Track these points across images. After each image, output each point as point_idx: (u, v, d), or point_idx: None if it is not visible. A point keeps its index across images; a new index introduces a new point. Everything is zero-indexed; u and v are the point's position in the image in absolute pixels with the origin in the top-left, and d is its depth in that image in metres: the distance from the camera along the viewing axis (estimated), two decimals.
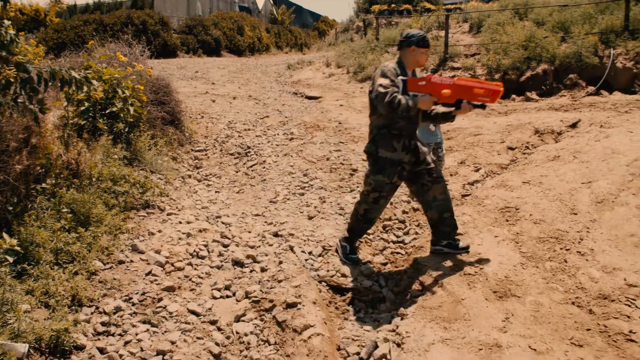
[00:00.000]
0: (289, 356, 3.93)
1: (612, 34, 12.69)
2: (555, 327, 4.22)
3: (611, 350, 3.97)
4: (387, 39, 18.91)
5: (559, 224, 5.56)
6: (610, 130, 7.77)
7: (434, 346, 4.05)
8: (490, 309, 4.45)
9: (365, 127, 9.61)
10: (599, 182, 6.13)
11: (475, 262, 5.09)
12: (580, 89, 11.80)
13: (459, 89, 4.71)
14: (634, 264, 4.88)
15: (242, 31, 36.02)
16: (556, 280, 4.82)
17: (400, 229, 6.08)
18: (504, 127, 8.54)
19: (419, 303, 4.66)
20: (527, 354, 3.93)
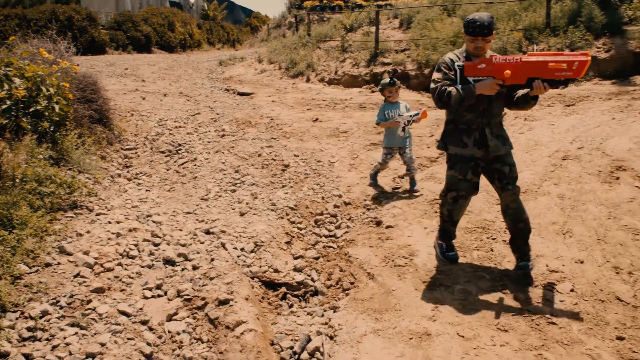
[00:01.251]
0: (222, 353, 3.91)
1: (535, 31, 13.11)
2: (483, 314, 4.35)
3: (534, 334, 4.12)
4: (319, 35, 18.98)
5: (486, 214, 5.72)
6: (534, 123, 8.04)
7: (366, 337, 4.11)
8: (420, 299, 4.54)
9: (297, 123, 9.64)
10: (523, 172, 6.34)
11: (406, 254, 5.18)
12: None
13: (526, 67, 4.26)
14: (556, 251, 5.08)
15: (173, 27, 35.46)
16: (483, 268, 4.96)
17: (332, 223, 6.12)
18: (433, 120, 8.71)
19: (350, 295, 4.71)
20: (456, 340, 4.03)
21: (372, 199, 6.51)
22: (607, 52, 11.77)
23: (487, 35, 4.38)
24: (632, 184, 5.99)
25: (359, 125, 9.11)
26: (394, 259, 5.12)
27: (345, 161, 7.63)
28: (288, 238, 5.61)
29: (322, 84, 14.80)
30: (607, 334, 4.09)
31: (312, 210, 6.27)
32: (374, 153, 7.74)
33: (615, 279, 4.71)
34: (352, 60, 15.27)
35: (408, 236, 5.49)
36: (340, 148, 8.13)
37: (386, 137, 6.71)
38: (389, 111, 6.62)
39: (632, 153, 6.57)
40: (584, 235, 5.29)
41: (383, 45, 15.32)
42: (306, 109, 11.31)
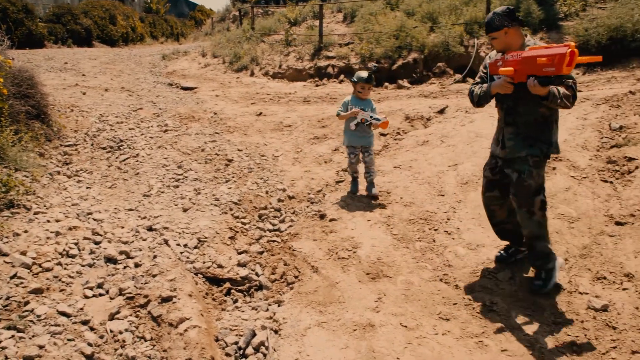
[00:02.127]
0: (166, 351, 3.86)
1: (475, 25, 13.34)
2: (425, 304, 4.42)
3: (475, 321, 4.22)
4: (263, 29, 18.89)
5: (428, 206, 5.81)
6: (474, 115, 8.19)
7: (310, 330, 4.12)
8: (363, 291, 4.58)
9: (241, 117, 9.58)
10: (464, 164, 6.46)
11: (349, 246, 5.22)
12: (449, 76, 12.34)
13: (523, 63, 3.97)
14: (495, 240, 5.20)
15: (114, 20, 34.70)
16: (425, 259, 5.04)
17: (276, 217, 6.12)
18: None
19: (295, 289, 4.72)
20: (399, 331, 4.09)
21: (316, 192, 6.53)
22: None
23: (489, 32, 4.27)
24: (568, 174, 6.17)
25: (303, 119, 9.12)
26: (337, 251, 5.15)
27: (289, 155, 7.63)
28: (232, 233, 5.58)
29: (266, 77, 14.76)
30: (544, 319, 4.22)
31: (256, 205, 6.25)
32: (318, 147, 7.77)
33: None
34: (296, 54, 15.26)
35: (352, 229, 5.53)
36: (284, 142, 8.13)
37: (346, 135, 6.32)
38: (355, 106, 6.17)
39: (568, 144, 6.77)
40: None
41: (327, 39, 15.34)
42: (250, 103, 11.25)
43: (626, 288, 4.56)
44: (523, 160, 4.33)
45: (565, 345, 3.95)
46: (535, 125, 4.30)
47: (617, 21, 10.83)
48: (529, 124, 4.31)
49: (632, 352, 3.87)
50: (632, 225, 5.25)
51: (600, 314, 4.27)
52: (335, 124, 8.61)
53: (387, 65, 13.20)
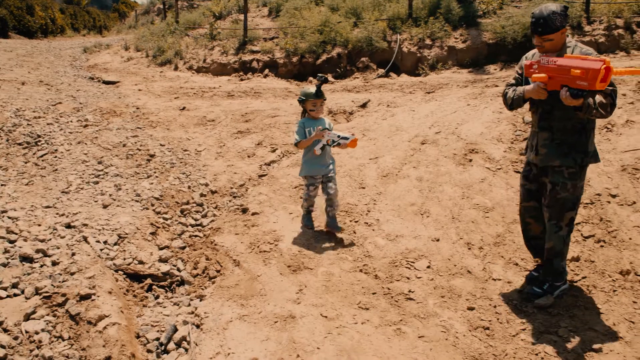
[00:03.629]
0: (85, 349, 3.80)
1: (398, 21, 13.57)
2: (345, 294, 4.51)
3: (393, 310, 4.33)
4: (188, 22, 18.64)
5: (349, 198, 5.91)
6: (395, 109, 8.36)
7: (232, 323, 4.14)
8: (284, 283, 4.63)
9: (164, 112, 9.45)
10: (385, 157, 6.59)
11: (271, 239, 5.26)
12: (372, 71, 12.51)
13: (557, 71, 3.75)
14: (414, 231, 5.35)
15: (32, 11, 33.43)
16: (346, 250, 5.13)
17: (199, 212, 6.08)
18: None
19: (217, 283, 4.72)
20: (319, 321, 4.15)
21: (239, 186, 6.52)
22: (464, 42, 12.41)
23: (543, 33, 3.89)
24: (483, 165, 6.39)
25: (226, 113, 9.08)
26: (259, 245, 5.18)
27: (213, 150, 7.59)
28: (153, 229, 5.51)
29: (190, 72, 14.57)
30: (460, 306, 4.37)
31: (178, 200, 6.19)
32: (242, 141, 7.76)
33: (468, 254, 5.03)
34: (220, 48, 15.13)
35: (273, 222, 5.57)
36: (207, 137, 8.08)
37: (305, 164, 5.39)
38: (312, 128, 5.28)
39: (484, 137, 7.00)
40: (440, 215, 5.59)
41: (252, 34, 15.28)
42: (174, 97, 11.11)
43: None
44: (557, 171, 4.15)
45: (479, 329, 4.11)
46: (572, 132, 4.09)
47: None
48: (565, 130, 4.09)
49: (540, 333, 4.07)
50: None
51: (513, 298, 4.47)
52: (259, 118, 8.62)
53: (312, 60, 13.28)
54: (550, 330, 4.11)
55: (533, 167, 4.35)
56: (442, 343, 3.97)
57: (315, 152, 5.23)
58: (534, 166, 4.33)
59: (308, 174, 5.35)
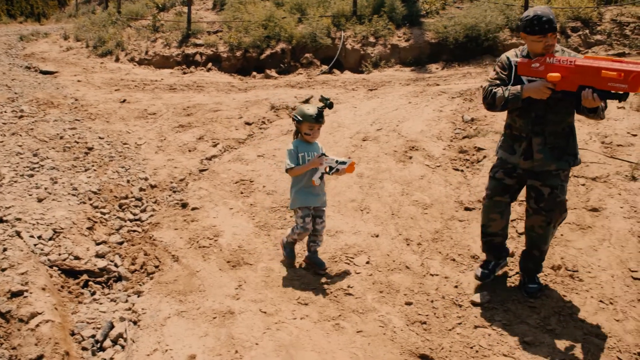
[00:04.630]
0: (15, 348, 3.70)
1: (342, 18, 13.64)
2: (284, 290, 4.52)
3: (332, 305, 4.36)
4: (130, 13, 18.26)
5: (289, 194, 5.91)
6: (338, 106, 8.41)
7: (170, 320, 4.11)
8: (224, 279, 4.61)
9: (103, 104, 9.25)
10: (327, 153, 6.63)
11: (211, 235, 5.22)
12: (316, 67, 12.53)
13: (577, 71, 3.71)
14: (354, 227, 5.40)
15: None
16: None
17: (138, 207, 5.98)
18: (243, 103, 8.80)
19: (155, 279, 4.67)
20: (258, 317, 4.15)
21: (179, 181, 6.45)
22: (407, 41, 12.56)
23: (551, 31, 3.87)
24: (423, 162, 6.50)
25: (168, 107, 8.95)
26: (199, 240, 5.14)
27: (153, 143, 7.47)
28: (90, 223, 5.40)
29: (132, 64, 14.29)
30: (397, 301, 4.44)
31: (117, 194, 6.08)
32: (183, 135, 7.65)
33: (406, 250, 5.11)
34: (163, 40, 14.90)
35: (214, 217, 5.53)
36: (148, 130, 7.95)
37: (299, 194, 4.77)
38: (306, 153, 4.69)
39: (424, 134, 7.12)
40: (380, 211, 5.66)
41: (195, 26, 15.10)
42: (114, 89, 10.88)
43: (473, 269, 4.88)
44: (554, 175, 4.17)
45: (416, 323, 4.18)
46: (562, 136, 4.14)
47: (473, 20, 11.50)
48: (556, 134, 4.12)
49: (475, 327, 4.17)
50: (479, 211, 5.61)
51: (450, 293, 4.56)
52: (201, 112, 8.52)
53: (256, 54, 13.22)
54: (485, 324, 4.21)
55: (518, 168, 4.27)
56: (380, 337, 4.02)
57: (314, 183, 4.62)
58: (520, 168, 4.26)
59: (304, 204, 4.71)
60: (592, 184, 5.94)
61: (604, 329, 4.18)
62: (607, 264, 4.80)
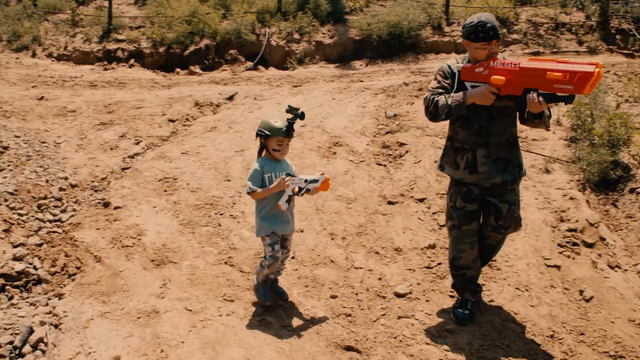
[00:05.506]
0: None
1: (267, 14, 13.61)
2: (210, 287, 4.52)
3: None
4: (47, 6, 17.60)
5: (214, 191, 5.90)
6: (262, 102, 8.42)
7: (93, 321, 4.05)
8: (148, 278, 4.57)
9: (19, 101, 8.94)
10: (251, 149, 6.63)
11: (134, 234, 5.15)
12: (240, 64, 12.46)
13: (522, 74, 3.57)
14: None
15: None
16: (211, 243, 5.14)
17: (57, 207, 5.81)
18: (166, 99, 8.67)
19: (76, 280, 4.58)
20: (184, 315, 4.15)
21: (100, 179, 6.31)
22: (332, 38, 12.65)
23: (495, 38, 3.75)
24: (347, 158, 6.60)
25: (89, 104, 8.70)
26: (121, 239, 5.06)
27: (73, 142, 7.27)
28: (6, 226, 5.22)
29: (50, 59, 13.80)
30: (323, 294, 4.52)
31: (35, 195, 5.89)
32: (104, 133, 7.47)
33: (331, 244, 5.19)
34: (83, 35, 14.46)
35: (137, 216, 5.45)
36: (67, 128, 7.72)
37: (264, 220, 4.20)
38: (273, 174, 4.13)
39: (347, 130, 7.22)
40: (304, 207, 5.71)
41: (117, 22, 14.73)
42: (31, 86, 10.49)
43: (396, 261, 5.01)
44: (510, 190, 4.03)
45: (341, 316, 4.26)
46: (506, 146, 4.00)
47: (396, 18, 11.71)
48: (500, 145, 3.97)
49: (398, 317, 4.29)
50: (402, 204, 5.77)
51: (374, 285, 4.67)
52: (123, 109, 8.34)
53: (179, 50, 13.03)
54: (408, 314, 4.35)
55: (473, 188, 4.05)
56: (305, 331, 4.09)
57: (281, 208, 4.05)
58: (474, 186, 4.05)
59: (274, 229, 4.18)
60: None
61: (520, 315, 4.38)
62: (523, 252, 5.02)
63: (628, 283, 4.84)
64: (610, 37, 11.79)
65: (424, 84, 8.76)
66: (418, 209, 5.70)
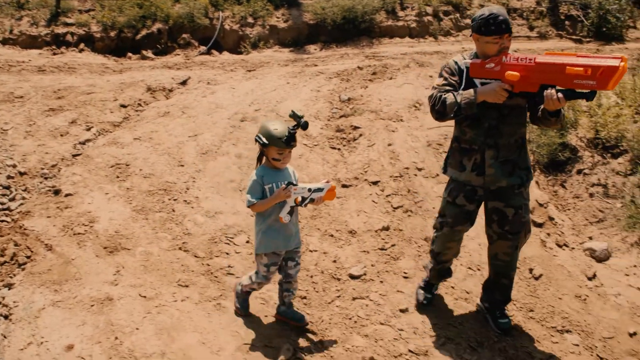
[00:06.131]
0: None
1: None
2: (164, 273, 4.50)
3: (213, 285, 4.40)
4: None
5: (168, 176, 5.85)
6: (216, 87, 8.35)
7: (45, 311, 4.00)
8: (101, 265, 4.53)
9: None
10: (204, 134, 6.59)
11: (86, 221, 5.08)
12: (194, 48, 12.31)
13: (538, 69, 3.34)
14: (233, 207, 5.44)
15: None
16: (165, 229, 5.10)
17: (6, 196, 5.65)
18: (118, 85, 8.51)
19: (27, 270, 4.50)
20: (138, 301, 4.13)
21: (50, 167, 6.17)
22: (286, 22, 12.60)
23: (508, 31, 3.53)
24: (301, 142, 6.53)
25: (37, 89, 8.48)
26: (73, 227, 4.98)
27: (21, 128, 7.07)
28: None
29: None
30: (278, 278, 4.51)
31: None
32: (54, 119, 7.27)
33: None
34: (30, 18, 14.06)
35: (89, 203, 5.37)
36: (15, 115, 7.51)
37: (265, 235, 3.80)
38: (274, 184, 3.72)
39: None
40: None
41: (65, 4, 14.36)
42: None
43: (351, 244, 5.06)
44: (517, 194, 3.83)
45: (296, 298, 4.29)
46: (515, 148, 3.80)
47: (350, 2, 11.72)
48: (509, 147, 3.76)
49: (353, 299, 4.35)
50: (356, 187, 5.82)
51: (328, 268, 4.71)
52: (74, 94, 8.15)
53: (131, 35, 12.80)
54: (363, 295, 4.41)
55: (478, 189, 3.86)
56: (261, 315, 4.12)
57: (282, 220, 3.68)
58: (479, 188, 3.86)
59: (273, 249, 3.81)
60: None
61: (472, 293, 4.50)
62: (475, 233, 5.11)
63: (575, 261, 5.00)
64: (560, 23, 12.08)
65: (378, 68, 8.81)
66: (372, 192, 5.75)
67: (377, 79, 8.42)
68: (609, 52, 9.36)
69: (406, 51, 10.57)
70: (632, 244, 5.15)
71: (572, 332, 4.17)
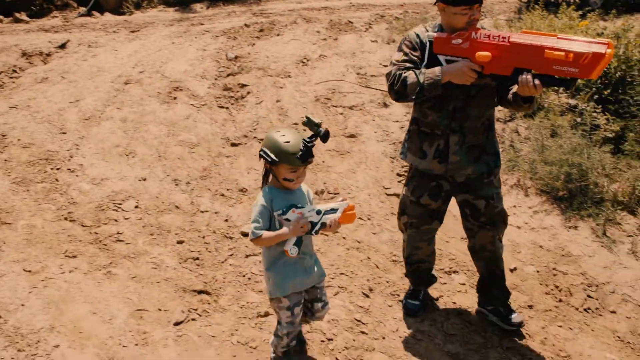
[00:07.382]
0: None
1: None
2: (50, 245, 4.36)
3: (102, 254, 4.31)
4: None
5: (49, 145, 5.62)
6: (97, 49, 8.04)
7: None
8: None
9: None
10: (86, 99, 6.37)
11: None
12: (72, 9, 11.73)
13: (513, 50, 2.88)
14: (120, 172, 5.31)
15: None
16: (48, 200, 4.92)
17: None
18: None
19: None
20: (22, 277, 3.99)
21: None
22: None
23: (478, 1, 3.04)
24: (188, 102, 6.51)
25: None
26: None
27: None
28: None
29: None
30: (169, 241, 4.50)
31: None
32: None
33: (175, 190, 5.15)
34: None
35: None
36: None
37: (281, 270, 2.96)
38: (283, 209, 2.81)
39: (188, 74, 7.10)
40: (146, 154, 5.61)
41: None
42: None
43: (242, 202, 5.07)
44: (486, 184, 3.43)
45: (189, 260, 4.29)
46: (482, 131, 3.37)
47: None
48: (475, 131, 3.33)
49: (246, 256, 4.39)
50: (245, 145, 5.82)
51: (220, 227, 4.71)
52: None
53: None
54: (256, 252, 4.45)
55: (443, 183, 3.47)
56: (153, 279, 4.08)
57: (288, 254, 2.84)
58: (444, 180, 3.46)
59: (293, 288, 3.00)
60: (350, 112, 6.39)
61: (364, 243, 4.62)
62: (364, 184, 5.25)
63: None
64: None
65: (265, 25, 8.76)
66: None
67: (264, 36, 8.38)
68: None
69: (294, 7, 10.55)
70: (512, 185, 5.43)
71: (459, 273, 4.38)
